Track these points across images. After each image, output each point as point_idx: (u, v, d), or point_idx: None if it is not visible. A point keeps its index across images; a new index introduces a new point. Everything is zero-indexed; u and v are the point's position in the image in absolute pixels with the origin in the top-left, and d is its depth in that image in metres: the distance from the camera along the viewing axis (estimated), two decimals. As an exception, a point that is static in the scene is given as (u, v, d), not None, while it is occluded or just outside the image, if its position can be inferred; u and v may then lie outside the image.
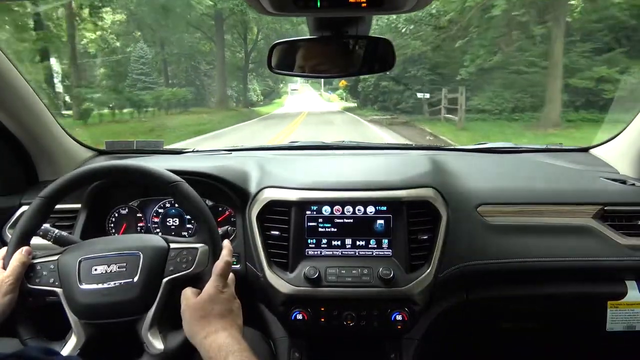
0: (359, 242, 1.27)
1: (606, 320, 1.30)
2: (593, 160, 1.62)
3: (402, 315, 1.19)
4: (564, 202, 1.32)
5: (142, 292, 0.96)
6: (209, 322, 0.88)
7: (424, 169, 1.41)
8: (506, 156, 1.69)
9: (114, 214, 1.41)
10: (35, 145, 1.45)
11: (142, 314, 0.96)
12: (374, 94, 19.59)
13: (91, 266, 0.97)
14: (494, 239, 1.29)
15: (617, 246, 1.28)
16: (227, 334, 0.86)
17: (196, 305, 0.91)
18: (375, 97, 19.60)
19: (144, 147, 1.75)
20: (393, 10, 0.85)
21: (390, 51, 1.05)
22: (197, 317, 0.89)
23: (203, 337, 0.86)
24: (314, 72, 1.11)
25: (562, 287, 1.31)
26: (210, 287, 0.93)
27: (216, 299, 0.91)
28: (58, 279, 0.97)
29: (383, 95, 18.60)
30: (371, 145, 1.86)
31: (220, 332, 0.86)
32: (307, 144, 1.89)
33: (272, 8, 0.82)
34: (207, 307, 0.90)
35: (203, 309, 0.90)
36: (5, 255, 0.99)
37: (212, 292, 0.92)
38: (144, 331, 0.95)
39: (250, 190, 1.32)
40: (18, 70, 1.32)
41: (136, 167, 1.06)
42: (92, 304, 0.95)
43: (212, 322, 0.88)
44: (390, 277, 1.18)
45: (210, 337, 0.86)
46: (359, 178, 1.33)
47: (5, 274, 0.94)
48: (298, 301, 1.21)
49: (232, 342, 0.84)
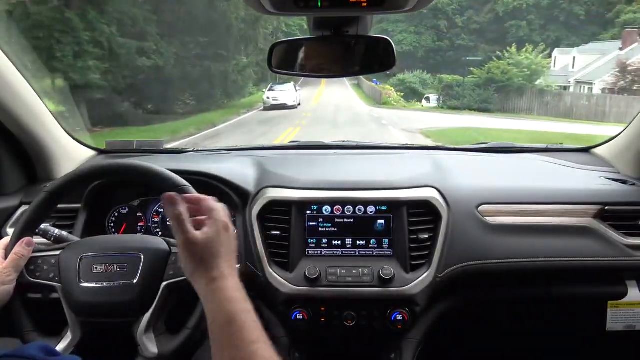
0: (359, 242, 1.26)
1: (606, 320, 1.29)
2: (593, 160, 1.62)
3: (402, 316, 1.19)
4: (564, 202, 1.32)
5: (141, 294, 0.96)
6: (213, 264, 0.78)
7: (424, 169, 1.41)
8: (506, 156, 1.69)
9: (114, 214, 1.41)
10: (35, 145, 1.45)
11: (139, 316, 0.96)
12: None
13: (92, 264, 0.97)
14: (495, 239, 1.29)
15: (618, 246, 1.28)
16: (234, 283, 0.78)
17: (202, 243, 0.79)
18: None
19: (144, 147, 1.75)
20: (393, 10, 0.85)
21: (390, 51, 1.05)
22: (199, 258, 0.79)
23: (206, 283, 0.77)
24: (314, 72, 1.12)
25: (563, 287, 1.30)
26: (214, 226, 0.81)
27: (222, 239, 0.81)
28: (58, 275, 0.97)
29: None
30: (371, 145, 1.86)
31: (226, 280, 0.77)
32: (307, 143, 1.89)
33: (272, 8, 0.82)
34: (213, 247, 0.80)
35: (208, 249, 0.79)
36: (6, 246, 0.99)
37: (219, 229, 0.81)
38: (139, 333, 0.95)
39: (250, 190, 1.32)
40: (18, 69, 1.32)
41: (144, 167, 1.05)
42: (90, 302, 0.95)
43: (216, 264, 0.78)
44: (391, 277, 1.18)
45: (216, 283, 0.77)
46: (359, 178, 1.33)
47: (5, 264, 0.95)
48: (298, 301, 1.21)
49: (240, 297, 0.76)
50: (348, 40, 1.05)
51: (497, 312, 1.37)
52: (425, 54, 34.75)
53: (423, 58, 33.86)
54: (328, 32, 1.01)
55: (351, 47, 1.07)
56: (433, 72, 27.42)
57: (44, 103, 1.45)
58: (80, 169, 1.05)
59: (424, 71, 27.70)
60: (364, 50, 1.07)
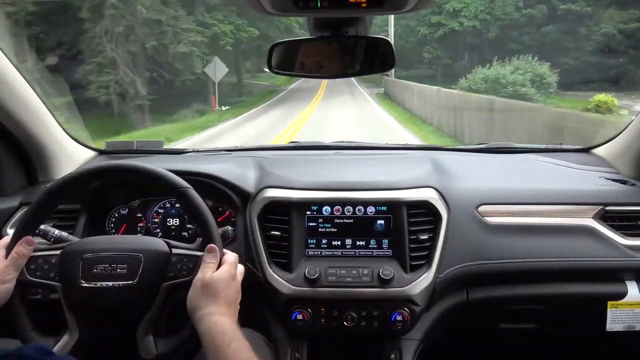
0: (359, 242, 1.26)
1: (606, 320, 1.29)
2: (593, 161, 1.62)
3: (402, 316, 1.19)
4: (564, 202, 1.32)
5: (141, 294, 0.96)
6: (216, 302, 0.90)
7: (424, 169, 1.41)
8: (506, 156, 1.69)
9: (114, 214, 1.41)
10: (36, 146, 1.45)
11: (138, 317, 0.96)
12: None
13: (92, 264, 0.97)
14: (494, 239, 1.29)
15: (618, 246, 1.28)
16: (231, 322, 0.88)
17: (211, 281, 0.92)
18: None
19: (144, 147, 1.75)
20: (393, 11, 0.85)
21: (390, 51, 1.05)
22: (207, 293, 0.91)
23: (207, 314, 0.88)
24: (313, 72, 1.12)
25: (562, 287, 1.30)
26: (224, 271, 0.95)
27: (229, 285, 0.94)
28: (58, 274, 0.97)
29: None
30: (371, 146, 1.85)
31: (225, 317, 0.88)
32: (307, 144, 1.89)
33: (272, 8, 0.82)
34: (219, 287, 0.92)
35: (215, 287, 0.92)
36: (7, 245, 0.99)
37: (226, 276, 0.94)
38: (138, 334, 0.95)
39: (250, 191, 1.32)
40: (18, 70, 1.32)
41: (145, 168, 1.06)
42: (89, 303, 0.95)
43: (219, 303, 0.90)
44: (391, 278, 1.18)
45: (215, 317, 0.87)
46: (359, 178, 1.33)
47: (5, 263, 0.95)
48: (298, 301, 1.21)
49: (236, 331, 0.86)
50: (348, 40, 1.05)
51: (497, 312, 1.37)
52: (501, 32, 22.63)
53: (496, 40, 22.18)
54: (328, 33, 1.01)
55: (351, 47, 1.07)
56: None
57: (45, 104, 1.45)
58: (81, 169, 1.05)
59: (534, 57, 15.09)
60: (364, 51, 1.07)
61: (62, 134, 1.56)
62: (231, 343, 0.83)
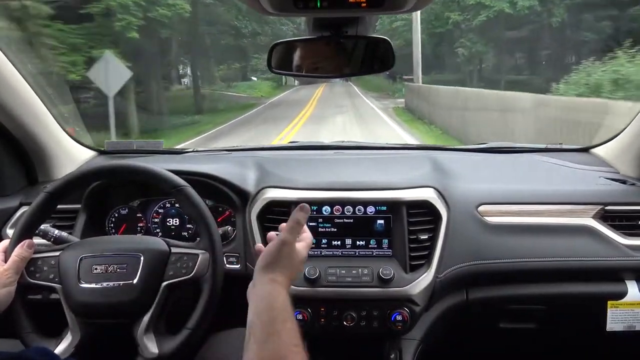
0: (359, 242, 1.26)
1: (606, 320, 1.29)
2: (593, 160, 1.62)
3: (402, 316, 1.19)
4: (564, 202, 1.32)
5: (141, 294, 0.96)
6: (288, 273, 0.86)
7: (423, 169, 1.40)
8: (506, 156, 1.69)
9: (113, 214, 1.41)
10: (36, 146, 1.45)
11: (139, 317, 0.96)
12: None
13: (91, 265, 0.97)
14: (494, 239, 1.29)
15: (618, 246, 1.28)
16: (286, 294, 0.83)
17: (297, 248, 0.90)
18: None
19: (143, 148, 1.75)
20: (393, 10, 0.85)
21: (390, 51, 1.05)
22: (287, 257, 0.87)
23: (275, 280, 0.83)
24: (313, 72, 1.12)
25: (562, 287, 1.30)
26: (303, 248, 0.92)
27: (301, 263, 0.91)
28: (58, 276, 0.97)
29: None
30: (371, 145, 1.85)
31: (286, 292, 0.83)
32: (306, 144, 1.89)
33: (272, 8, 0.82)
34: (298, 260, 0.90)
35: (296, 258, 0.89)
36: (6, 248, 0.99)
37: (304, 254, 0.92)
38: (139, 334, 0.95)
39: (250, 191, 1.32)
40: (18, 70, 1.32)
41: (143, 168, 1.06)
42: (90, 303, 0.95)
43: (287, 275, 0.86)
44: (390, 277, 1.18)
45: (280, 288, 0.83)
46: (359, 178, 1.33)
47: (5, 266, 0.95)
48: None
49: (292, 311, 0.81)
50: (348, 40, 1.05)
51: (497, 312, 1.37)
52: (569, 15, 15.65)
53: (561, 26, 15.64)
54: (328, 33, 1.01)
55: (351, 47, 1.07)
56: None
57: (45, 104, 1.45)
58: (80, 169, 1.05)
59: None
60: (363, 51, 1.07)
61: (62, 134, 1.55)
62: (287, 321, 0.77)
